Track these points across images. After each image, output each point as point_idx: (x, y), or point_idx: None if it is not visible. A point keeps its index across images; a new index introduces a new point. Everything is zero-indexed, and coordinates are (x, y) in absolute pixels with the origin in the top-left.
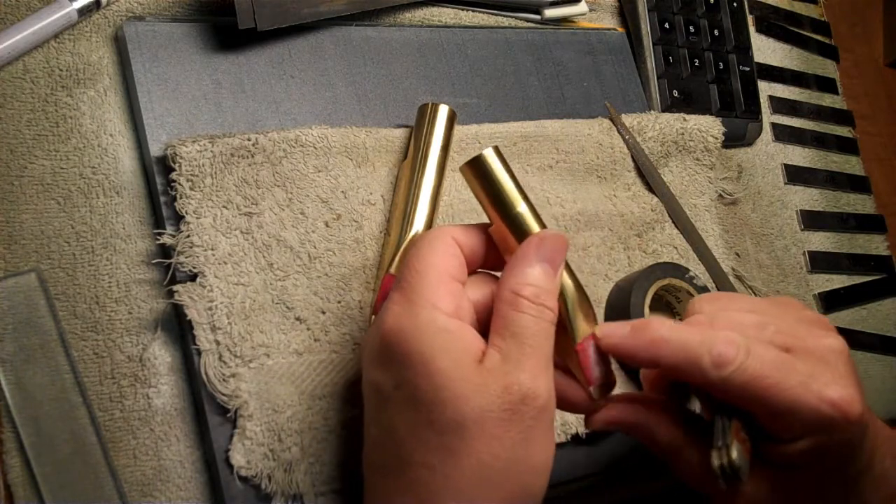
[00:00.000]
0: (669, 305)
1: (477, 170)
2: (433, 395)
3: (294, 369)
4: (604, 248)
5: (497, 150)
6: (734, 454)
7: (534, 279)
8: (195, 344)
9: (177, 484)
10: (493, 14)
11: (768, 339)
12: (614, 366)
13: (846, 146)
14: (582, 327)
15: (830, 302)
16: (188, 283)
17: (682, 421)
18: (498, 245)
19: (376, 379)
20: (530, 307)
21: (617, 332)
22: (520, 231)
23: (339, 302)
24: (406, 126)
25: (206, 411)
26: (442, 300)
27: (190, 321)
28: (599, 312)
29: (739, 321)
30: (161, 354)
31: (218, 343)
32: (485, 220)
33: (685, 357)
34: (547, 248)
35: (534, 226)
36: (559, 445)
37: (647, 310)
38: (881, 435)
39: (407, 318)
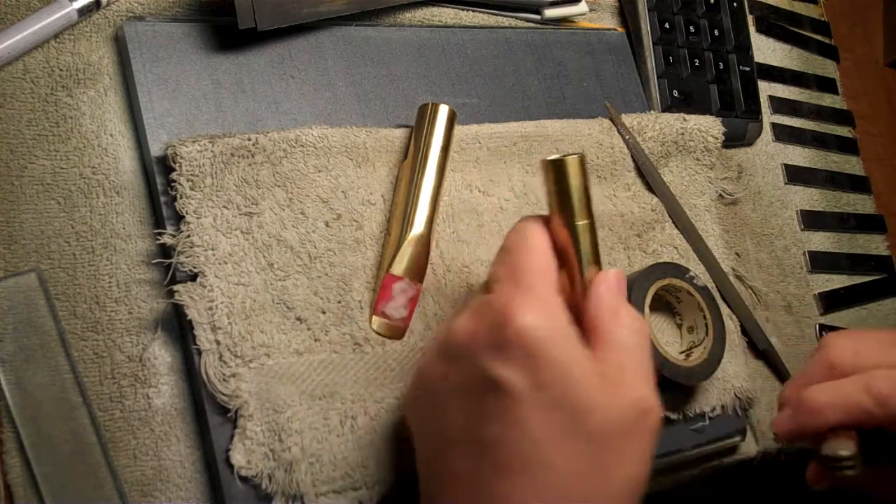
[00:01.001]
0: (669, 305)
1: (556, 171)
2: (576, 402)
3: (294, 369)
4: (604, 248)
5: (583, 159)
6: None
7: (625, 300)
8: (195, 344)
9: (177, 484)
10: (493, 14)
11: None
12: None
13: (846, 146)
14: None
15: (830, 302)
16: (188, 283)
17: None
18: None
19: (501, 374)
20: (632, 321)
21: (784, 424)
22: (574, 242)
23: (339, 302)
24: (406, 126)
25: (207, 411)
26: (561, 306)
27: (190, 321)
28: None
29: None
30: (161, 354)
31: (218, 343)
32: (483, 220)
33: (848, 411)
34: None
35: (587, 244)
36: None
37: (647, 309)
38: None
39: (547, 319)
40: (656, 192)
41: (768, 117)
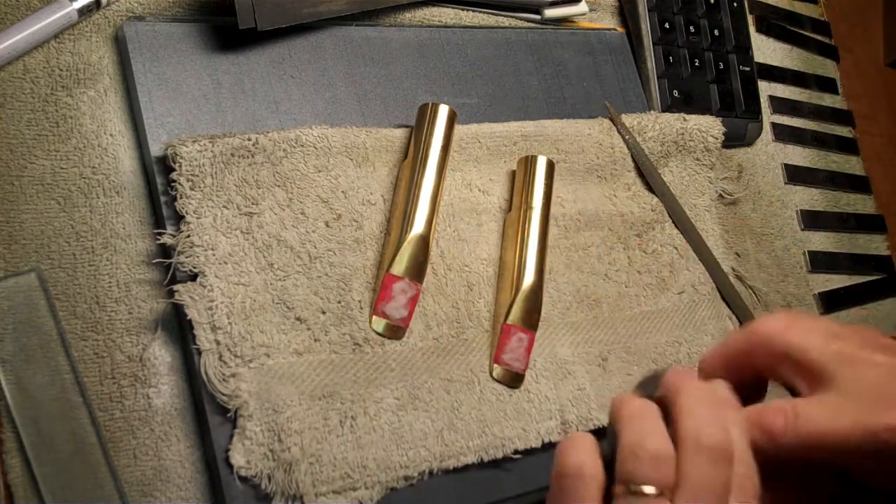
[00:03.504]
0: None
1: (526, 166)
2: None
3: (294, 369)
4: (604, 248)
5: (550, 163)
6: None
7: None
8: (195, 344)
9: (177, 484)
10: (493, 14)
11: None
12: None
13: (846, 146)
14: None
15: (830, 302)
16: (188, 283)
17: None
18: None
19: None
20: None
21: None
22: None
23: (339, 302)
24: (406, 126)
25: (207, 411)
26: None
27: (190, 321)
28: (600, 312)
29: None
30: (161, 354)
31: (218, 343)
32: (483, 219)
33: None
34: None
35: (536, 224)
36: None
37: None
38: None
39: None
40: (656, 192)
41: (768, 117)
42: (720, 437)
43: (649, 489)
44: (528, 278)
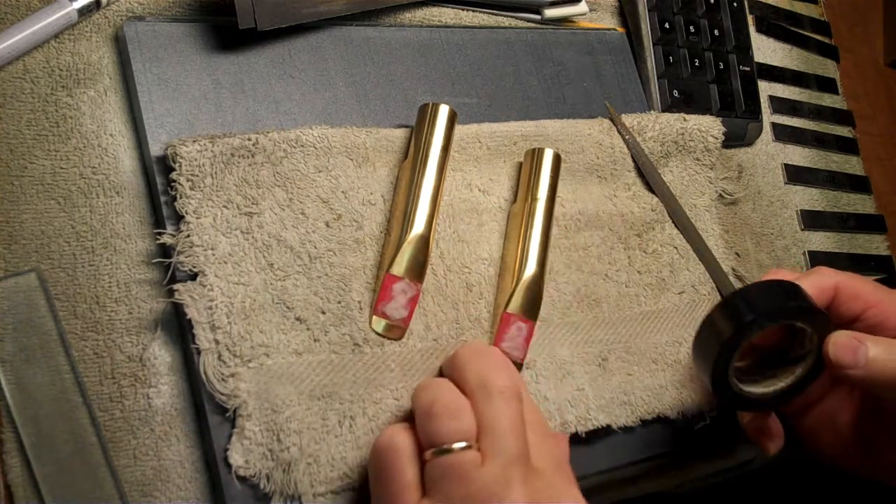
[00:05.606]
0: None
1: (533, 158)
2: None
3: (294, 369)
4: (604, 248)
5: (557, 155)
6: None
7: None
8: (195, 343)
9: (177, 484)
10: (493, 14)
11: None
12: None
13: (846, 146)
14: None
15: None
16: (188, 283)
17: None
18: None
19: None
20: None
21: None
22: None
23: (339, 302)
24: (406, 126)
25: (207, 411)
26: None
27: (190, 321)
28: (600, 312)
29: None
30: (161, 354)
31: (217, 342)
32: (484, 219)
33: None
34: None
35: (540, 216)
36: None
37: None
38: None
39: None
40: (656, 192)
41: (768, 117)
42: (505, 379)
43: (457, 445)
44: (530, 269)
